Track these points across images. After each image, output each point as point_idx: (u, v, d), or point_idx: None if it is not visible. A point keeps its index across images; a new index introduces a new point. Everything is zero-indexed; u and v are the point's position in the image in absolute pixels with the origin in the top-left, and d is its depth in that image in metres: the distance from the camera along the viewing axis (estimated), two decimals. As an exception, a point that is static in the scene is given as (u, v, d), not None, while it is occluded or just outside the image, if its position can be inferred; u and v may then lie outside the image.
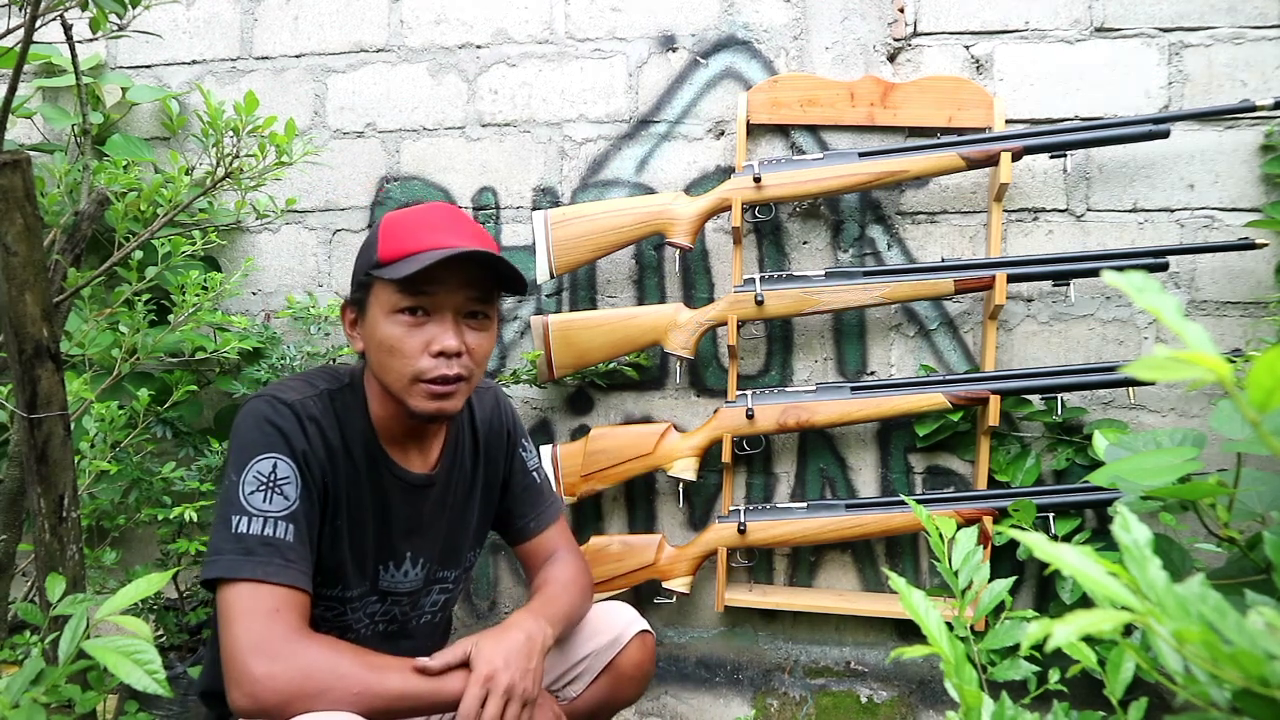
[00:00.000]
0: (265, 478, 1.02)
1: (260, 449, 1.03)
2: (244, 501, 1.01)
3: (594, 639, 1.27)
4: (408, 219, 1.09)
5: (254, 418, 1.06)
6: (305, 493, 1.04)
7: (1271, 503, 0.83)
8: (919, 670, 1.84)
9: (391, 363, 1.07)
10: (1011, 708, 0.65)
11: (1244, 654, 0.44)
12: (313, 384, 1.13)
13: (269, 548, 0.99)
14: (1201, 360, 0.39)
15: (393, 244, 1.06)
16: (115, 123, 2.07)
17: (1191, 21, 1.69)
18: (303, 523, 1.03)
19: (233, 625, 0.96)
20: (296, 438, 1.05)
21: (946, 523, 0.92)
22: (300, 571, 1.01)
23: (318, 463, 1.07)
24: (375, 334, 1.07)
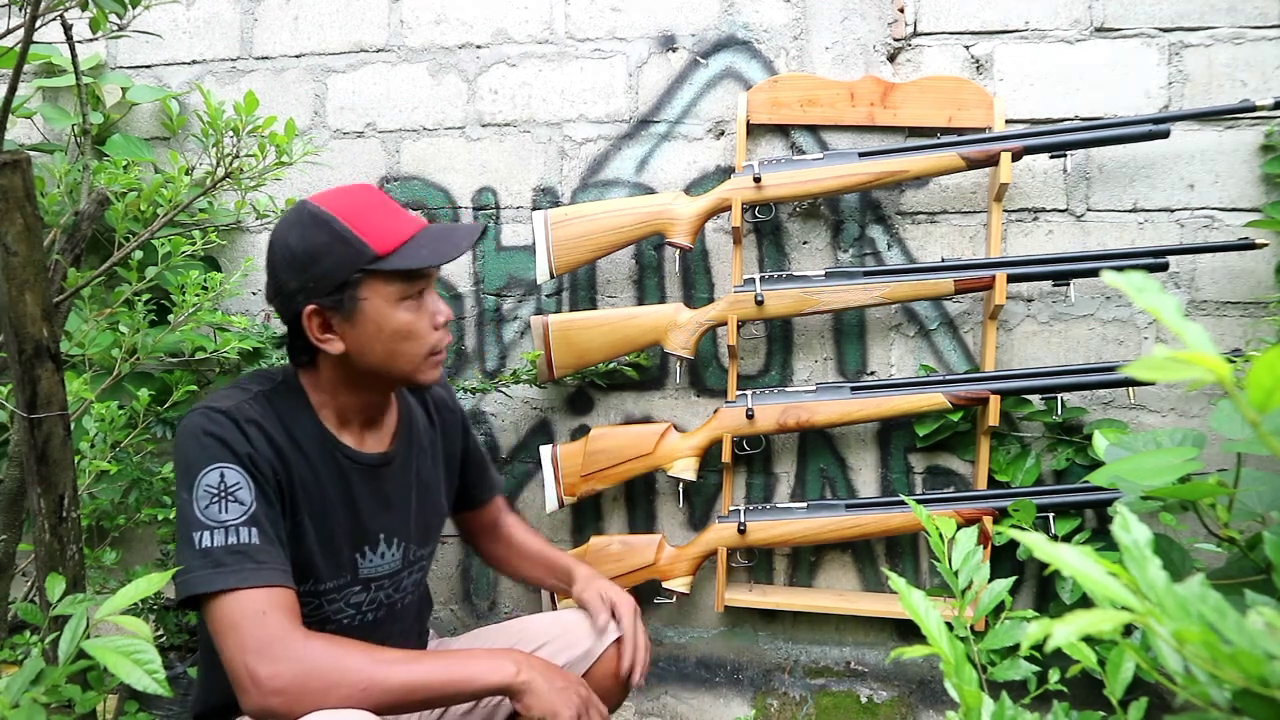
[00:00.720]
0: (216, 488, 1.01)
1: (204, 462, 1.02)
2: (201, 516, 1.00)
3: (568, 650, 1.25)
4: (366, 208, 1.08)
5: (191, 433, 1.05)
6: (260, 493, 1.03)
7: (1271, 503, 0.83)
8: (919, 670, 1.85)
9: (407, 347, 1.10)
10: (1011, 708, 0.65)
11: (1244, 654, 0.44)
12: (244, 389, 1.12)
13: (236, 555, 0.98)
14: (1201, 360, 0.39)
15: (380, 238, 1.06)
16: (115, 123, 2.07)
17: (1191, 21, 1.69)
18: (264, 522, 1.02)
19: (227, 637, 0.95)
20: (238, 443, 1.04)
21: (946, 523, 0.92)
22: (274, 569, 1.00)
23: (266, 462, 1.06)
24: (385, 325, 1.08)
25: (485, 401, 2.00)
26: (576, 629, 1.29)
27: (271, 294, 1.12)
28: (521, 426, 2.00)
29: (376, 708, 0.95)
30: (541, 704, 1.02)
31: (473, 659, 1.03)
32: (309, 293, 1.07)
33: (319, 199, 1.10)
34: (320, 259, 1.06)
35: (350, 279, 1.06)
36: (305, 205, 1.10)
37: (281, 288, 1.09)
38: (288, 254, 1.07)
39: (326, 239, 1.06)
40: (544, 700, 1.02)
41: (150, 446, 1.87)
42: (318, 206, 1.08)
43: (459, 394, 1.97)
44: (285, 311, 1.11)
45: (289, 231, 1.08)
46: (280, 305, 1.11)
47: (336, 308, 1.07)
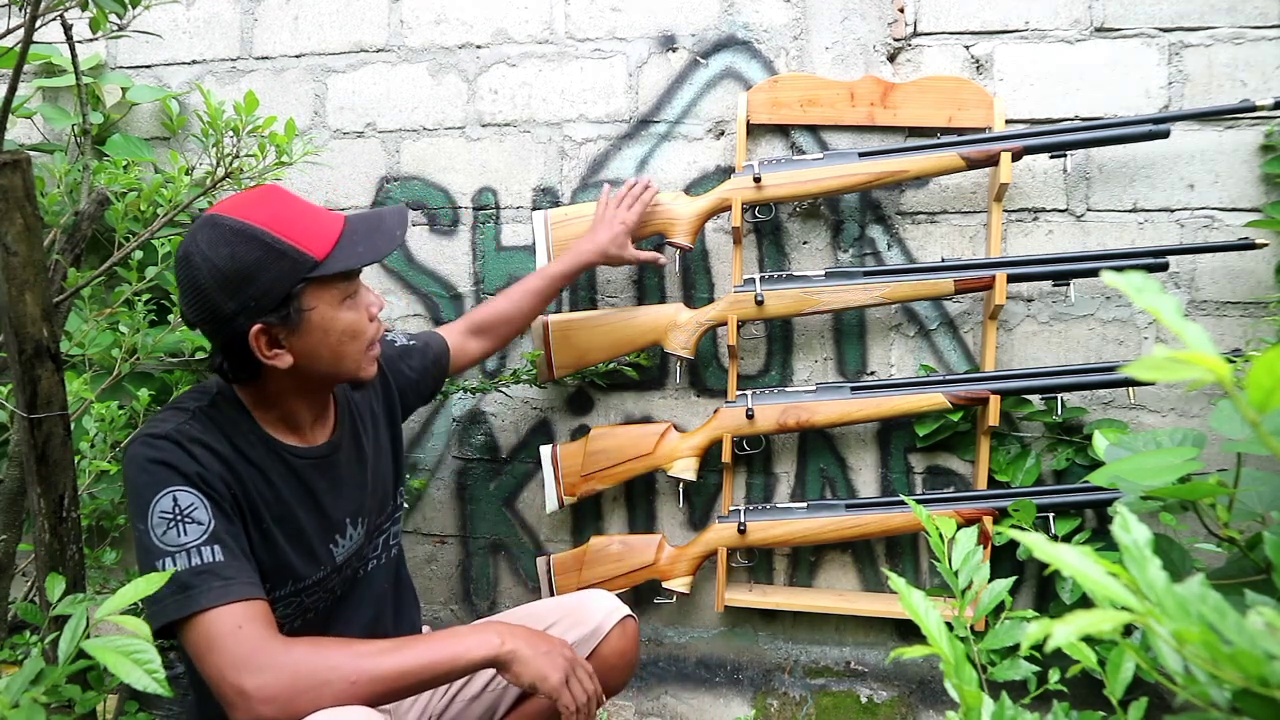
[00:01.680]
0: (171, 513, 0.99)
1: (155, 489, 1.00)
2: (160, 544, 0.98)
3: (577, 629, 1.27)
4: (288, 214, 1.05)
5: (136, 463, 1.02)
6: (216, 510, 1.01)
7: (1271, 503, 0.83)
8: (919, 670, 1.85)
9: (353, 346, 1.10)
10: (1011, 708, 0.65)
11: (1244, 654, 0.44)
12: (181, 409, 1.09)
13: (203, 575, 0.97)
14: (1201, 361, 0.39)
15: (313, 242, 1.04)
16: (115, 123, 2.07)
17: (1191, 21, 1.69)
18: (225, 538, 1.00)
19: (207, 657, 0.94)
20: (184, 464, 1.02)
21: (946, 523, 0.92)
22: (244, 583, 0.98)
23: (217, 478, 1.04)
24: (333, 329, 1.07)
25: (485, 401, 2.00)
26: (583, 607, 1.30)
27: (199, 319, 1.05)
28: (521, 426, 2.00)
29: (369, 699, 0.95)
30: (529, 671, 1.02)
31: (457, 636, 1.03)
32: (251, 312, 1.02)
33: (231, 210, 1.04)
34: (257, 276, 1.01)
35: (293, 291, 1.03)
36: (222, 220, 1.03)
37: (215, 311, 1.02)
38: (217, 276, 1.01)
39: (260, 254, 1.01)
40: (531, 667, 1.02)
41: (150, 446, 1.87)
42: (238, 220, 1.02)
43: (459, 394, 1.97)
44: (221, 334, 1.05)
45: (212, 251, 1.01)
46: (214, 329, 1.05)
47: (283, 322, 1.04)
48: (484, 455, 2.02)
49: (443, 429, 2.02)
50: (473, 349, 1.58)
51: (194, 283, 1.03)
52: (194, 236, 1.04)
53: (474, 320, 1.59)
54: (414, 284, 2.02)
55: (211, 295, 1.02)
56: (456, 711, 1.28)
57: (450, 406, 2.00)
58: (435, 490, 2.04)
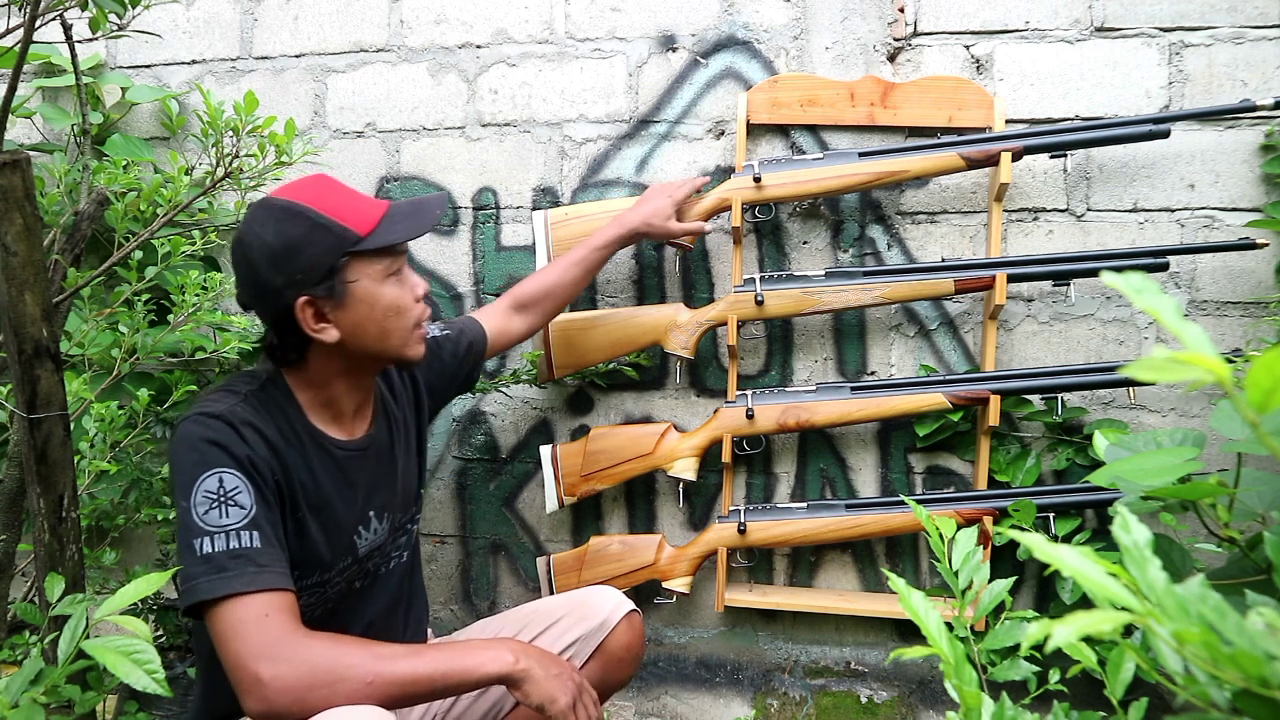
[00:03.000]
0: (215, 494, 1.01)
1: (202, 468, 1.02)
2: (200, 523, 0.99)
3: (584, 623, 1.28)
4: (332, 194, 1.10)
5: (187, 440, 1.04)
6: (259, 496, 1.03)
7: (1272, 503, 0.83)
8: (919, 670, 1.84)
9: (398, 323, 1.12)
10: (1011, 708, 0.65)
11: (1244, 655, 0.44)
12: (233, 391, 1.11)
13: (239, 560, 0.98)
14: (1200, 361, 0.39)
15: (356, 219, 1.08)
16: (115, 123, 2.07)
17: (1192, 21, 1.69)
18: (265, 525, 1.02)
19: (230, 641, 0.95)
20: (235, 446, 1.04)
21: (946, 523, 0.92)
22: (276, 573, 1.00)
23: (264, 463, 1.06)
24: (378, 304, 1.10)
25: (485, 401, 2.00)
26: (590, 601, 1.32)
27: (250, 295, 1.10)
28: (521, 426, 2.00)
29: (381, 701, 0.96)
30: (539, 692, 1.03)
31: (472, 649, 1.04)
32: (297, 285, 1.06)
33: (280, 192, 1.09)
34: (303, 249, 1.05)
35: (337, 264, 1.07)
36: (272, 201, 1.09)
37: (264, 286, 1.07)
38: (266, 251, 1.06)
39: (305, 229, 1.06)
40: (541, 688, 1.03)
41: (150, 446, 1.87)
42: (286, 199, 1.08)
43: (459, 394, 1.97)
44: (270, 309, 1.09)
45: (262, 229, 1.06)
46: (264, 304, 1.10)
47: (328, 295, 1.07)
48: (484, 455, 2.02)
49: (443, 429, 2.02)
50: (516, 327, 1.57)
51: (244, 260, 1.08)
52: (246, 219, 1.09)
53: (517, 296, 1.58)
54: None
55: (261, 270, 1.06)
56: (461, 710, 1.29)
57: (450, 406, 2.00)
58: (435, 490, 2.04)
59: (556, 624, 1.29)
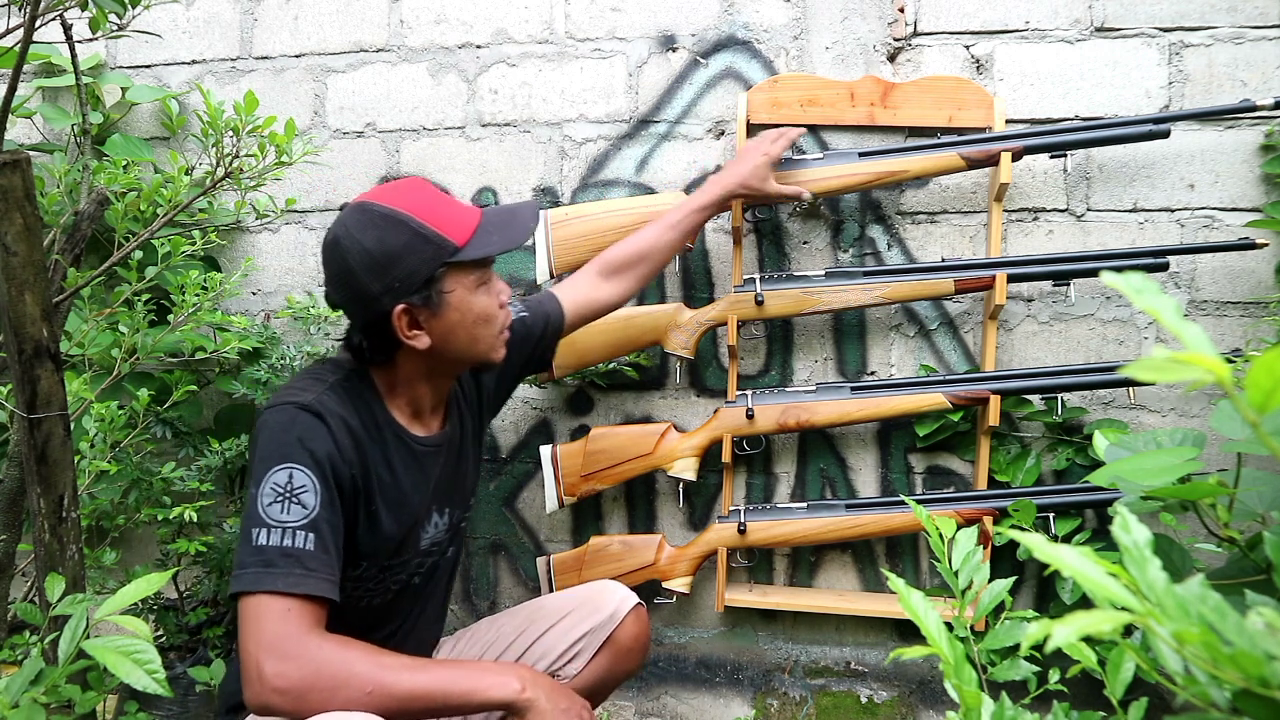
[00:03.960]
0: (282, 488, 1.01)
1: (276, 460, 1.02)
2: (262, 513, 1.00)
3: (593, 616, 1.31)
4: (431, 202, 1.10)
5: (271, 428, 1.05)
6: (326, 498, 1.03)
7: (1271, 503, 0.83)
8: (919, 670, 1.85)
9: (486, 330, 1.15)
10: (1011, 708, 0.65)
11: (1244, 655, 0.44)
12: (320, 379, 1.12)
13: (288, 559, 0.99)
14: (1200, 361, 0.39)
15: (454, 229, 1.09)
16: (115, 123, 2.07)
17: (1192, 21, 1.69)
18: (324, 529, 1.02)
19: (247, 628, 0.97)
20: (315, 441, 1.04)
21: (946, 523, 0.92)
22: (321, 579, 1.00)
23: (344, 458, 1.06)
24: (469, 312, 1.12)
25: (485, 401, 2.00)
26: (598, 595, 1.34)
27: (343, 298, 1.11)
28: (521, 426, 2.00)
29: (379, 712, 0.96)
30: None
31: (480, 671, 1.03)
32: (395, 293, 1.07)
33: (378, 198, 1.09)
34: (403, 258, 1.06)
35: (435, 274, 1.08)
36: (371, 206, 1.08)
37: (361, 291, 1.07)
38: (366, 257, 1.06)
39: (406, 237, 1.06)
40: None
41: (150, 446, 1.87)
42: (386, 206, 1.08)
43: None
44: (365, 314, 1.10)
45: (362, 234, 1.06)
46: (359, 309, 1.10)
47: (425, 303, 1.09)
48: (484, 455, 2.01)
49: (443, 429, 2.02)
50: (604, 295, 1.52)
51: (343, 264, 1.08)
52: (342, 221, 1.09)
53: (609, 260, 1.52)
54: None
55: (359, 276, 1.07)
56: None
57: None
58: (435, 490, 2.04)
59: (565, 618, 1.31)
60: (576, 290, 1.50)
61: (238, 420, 2.00)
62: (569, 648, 1.30)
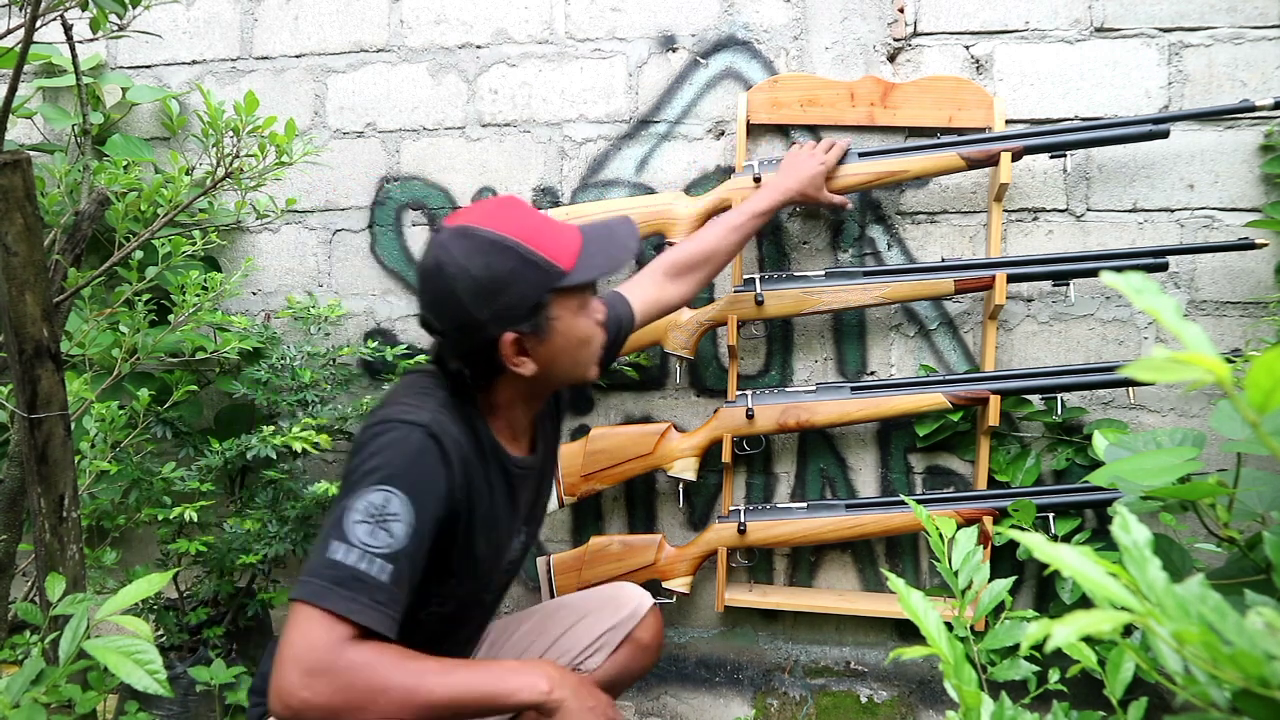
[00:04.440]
0: (375, 510, 0.97)
1: (376, 479, 0.98)
2: (348, 529, 0.96)
3: (614, 613, 1.33)
4: (535, 225, 1.07)
5: (380, 442, 1.01)
6: (415, 531, 0.99)
7: (1271, 503, 0.83)
8: (919, 670, 1.85)
9: (587, 352, 1.14)
10: (1011, 708, 0.65)
11: (1243, 654, 0.44)
12: (429, 393, 1.09)
13: (359, 584, 0.94)
14: (1200, 361, 0.39)
15: (560, 253, 1.07)
16: (115, 123, 2.07)
17: (1191, 21, 1.69)
18: (404, 564, 0.98)
19: (290, 637, 0.93)
20: (426, 469, 1.01)
21: (946, 523, 0.92)
22: (384, 614, 0.96)
23: (452, 485, 1.03)
24: (573, 336, 1.10)
25: (485, 401, 2.00)
26: (619, 594, 1.37)
27: (448, 327, 1.07)
28: (521, 426, 2.00)
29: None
30: None
31: (508, 673, 1.01)
32: (503, 321, 1.04)
33: (481, 222, 1.06)
34: (511, 285, 1.04)
35: (543, 300, 1.06)
36: (475, 231, 1.05)
37: (467, 320, 1.04)
38: (473, 284, 1.03)
39: (514, 263, 1.04)
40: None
41: (150, 446, 1.87)
42: (491, 231, 1.05)
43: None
44: (469, 342, 1.07)
45: (468, 260, 1.03)
46: (462, 337, 1.07)
47: (533, 330, 1.06)
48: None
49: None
50: (670, 295, 1.51)
51: (447, 291, 1.04)
52: (444, 247, 1.05)
53: (675, 260, 1.52)
54: (414, 284, 2.02)
55: (465, 304, 1.04)
56: None
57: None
58: (435, 490, 2.04)
59: (587, 616, 1.34)
60: (645, 291, 1.48)
61: (238, 420, 2.00)
62: (591, 643, 1.32)
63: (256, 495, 1.79)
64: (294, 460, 1.76)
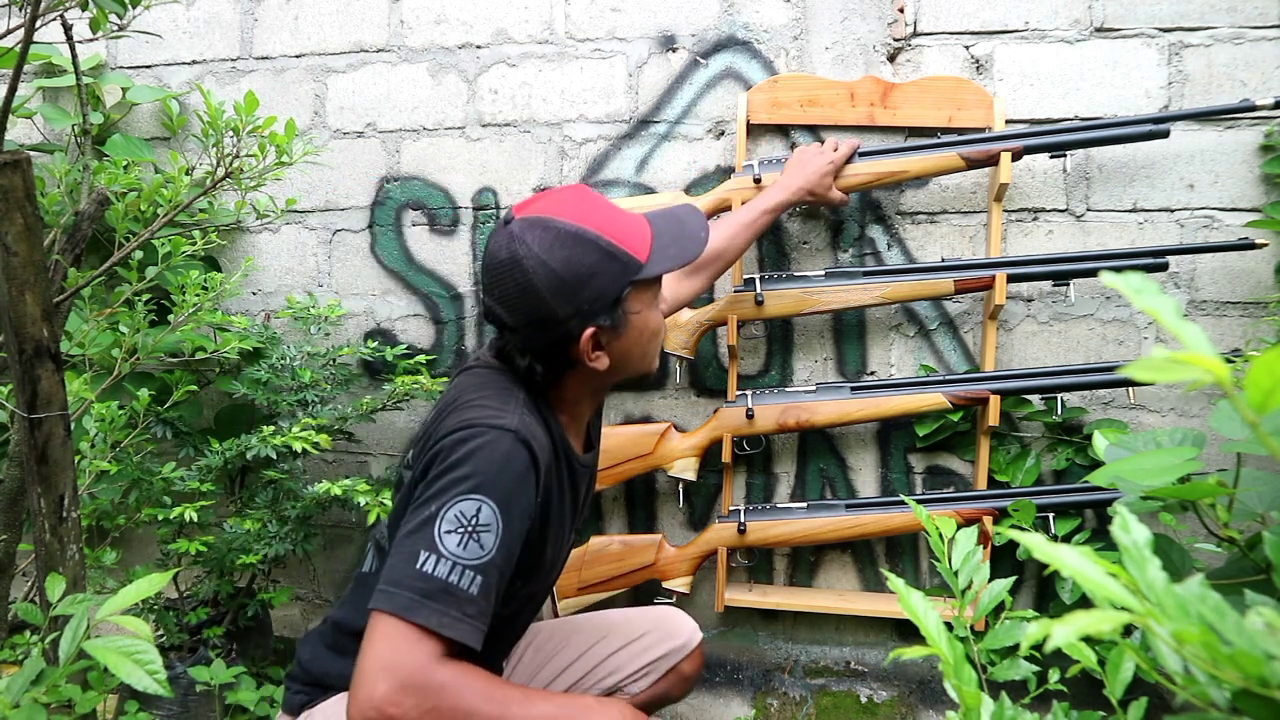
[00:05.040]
0: (466, 520, 0.94)
1: (470, 488, 0.95)
2: (438, 539, 0.93)
3: (668, 641, 1.33)
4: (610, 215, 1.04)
5: (471, 448, 0.97)
6: (505, 541, 0.96)
7: (1271, 503, 0.83)
8: (919, 670, 1.85)
9: (655, 345, 1.13)
10: (1011, 708, 0.65)
11: (1243, 655, 0.44)
12: (510, 393, 1.06)
13: (449, 597, 0.92)
14: (1199, 361, 0.39)
15: (635, 244, 1.04)
16: (115, 123, 2.07)
17: (1191, 21, 1.69)
18: (493, 575, 0.95)
19: (376, 647, 0.91)
20: (517, 477, 0.98)
21: (946, 523, 0.92)
22: (473, 627, 0.93)
23: (538, 489, 1.01)
24: (647, 329, 1.09)
25: (485, 401, 2.00)
26: (672, 621, 1.37)
27: (525, 322, 1.03)
28: (521, 426, 2.00)
29: None
30: None
31: (587, 710, 1.00)
32: (584, 316, 1.02)
33: (557, 213, 1.02)
34: (592, 279, 1.00)
35: (623, 294, 1.03)
36: (553, 223, 1.01)
37: (547, 315, 1.01)
38: (554, 280, 0.99)
39: (596, 258, 1.01)
40: None
41: (150, 446, 1.87)
42: (569, 222, 1.01)
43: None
44: (547, 337, 1.03)
45: (547, 255, 0.99)
46: (539, 332, 1.03)
47: (611, 325, 1.04)
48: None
49: (443, 429, 2.02)
50: (685, 291, 1.51)
51: (525, 285, 1.00)
52: (521, 239, 1.01)
53: None
54: (414, 284, 2.02)
55: (546, 298, 1.00)
56: None
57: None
58: (435, 490, 2.04)
59: (641, 639, 1.33)
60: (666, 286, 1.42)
61: (238, 420, 2.00)
62: (642, 668, 1.31)
63: (256, 495, 1.79)
64: (294, 460, 1.76)
